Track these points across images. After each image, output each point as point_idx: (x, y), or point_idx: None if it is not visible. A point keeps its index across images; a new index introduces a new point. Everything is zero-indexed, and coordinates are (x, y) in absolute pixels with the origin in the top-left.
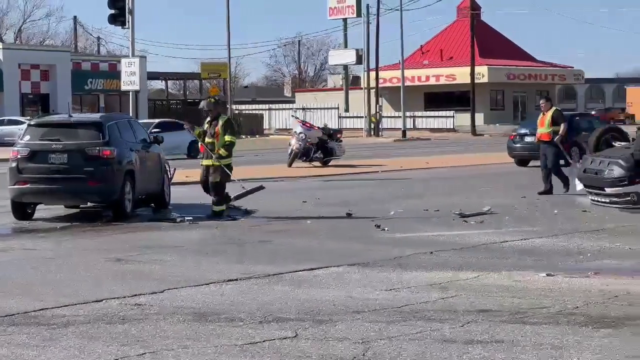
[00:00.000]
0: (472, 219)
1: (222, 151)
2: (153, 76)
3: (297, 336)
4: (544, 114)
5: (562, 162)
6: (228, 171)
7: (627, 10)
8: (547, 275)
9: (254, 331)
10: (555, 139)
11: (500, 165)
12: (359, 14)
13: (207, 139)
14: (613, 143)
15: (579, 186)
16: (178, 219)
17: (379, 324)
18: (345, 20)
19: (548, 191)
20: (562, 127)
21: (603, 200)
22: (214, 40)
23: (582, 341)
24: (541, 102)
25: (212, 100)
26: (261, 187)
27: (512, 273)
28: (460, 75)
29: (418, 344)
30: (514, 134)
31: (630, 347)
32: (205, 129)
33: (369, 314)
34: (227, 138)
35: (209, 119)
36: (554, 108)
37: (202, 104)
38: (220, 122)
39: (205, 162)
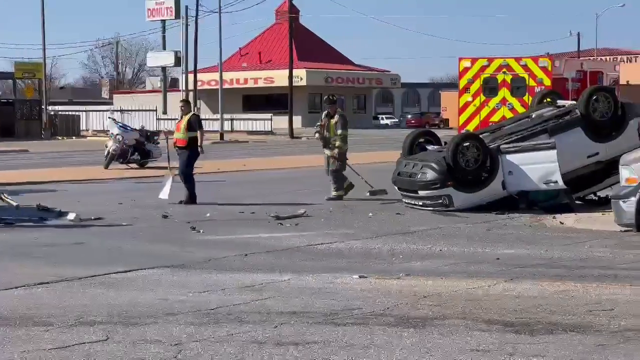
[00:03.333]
0: (287, 222)
1: None
2: None
3: (109, 339)
4: (182, 118)
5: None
6: None
7: (442, 18)
8: (360, 277)
9: (65, 335)
10: (199, 150)
11: (316, 168)
12: (177, 16)
13: None
14: (427, 147)
15: (164, 195)
16: None
17: (191, 326)
18: (163, 21)
19: (190, 200)
20: (199, 134)
21: (416, 203)
22: (30, 39)
23: (392, 341)
24: (180, 103)
25: None
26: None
27: (325, 275)
28: (278, 78)
29: (231, 346)
30: None
31: (437, 345)
32: None
33: (182, 316)
34: None
35: None
36: (191, 113)
37: None
38: None
39: None
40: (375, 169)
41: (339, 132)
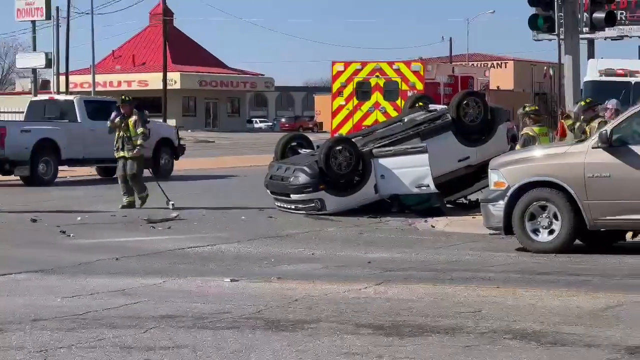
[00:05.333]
0: (159, 225)
1: None
2: None
3: None
4: None
5: None
6: None
7: (317, 21)
8: (232, 280)
9: None
10: None
11: (194, 171)
12: (48, 17)
13: None
14: (299, 150)
15: None
16: None
17: (59, 332)
18: (34, 22)
19: None
20: None
21: (288, 206)
22: None
23: (263, 344)
24: None
25: None
26: None
27: (197, 279)
28: (152, 81)
29: (98, 352)
30: None
31: (308, 349)
32: None
33: (49, 322)
34: None
35: None
36: None
37: None
38: None
39: None
40: (247, 173)
41: (140, 130)
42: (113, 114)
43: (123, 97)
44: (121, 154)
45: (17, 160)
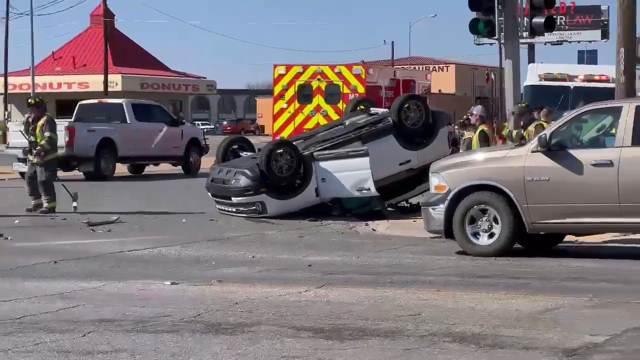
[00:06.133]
0: (99, 228)
1: None
2: None
3: None
4: None
5: None
6: None
7: (260, 24)
8: (172, 283)
9: None
10: None
11: (137, 176)
12: None
13: None
14: (240, 153)
15: None
16: None
17: None
18: None
19: None
20: None
21: (230, 209)
22: None
23: (202, 348)
24: None
25: None
26: None
27: (137, 282)
28: (93, 83)
29: (35, 356)
30: None
31: (248, 352)
32: None
33: None
34: None
35: None
36: None
37: None
38: None
39: None
40: (189, 175)
41: (47, 134)
42: (27, 115)
43: (30, 100)
44: (29, 157)
45: (84, 158)
